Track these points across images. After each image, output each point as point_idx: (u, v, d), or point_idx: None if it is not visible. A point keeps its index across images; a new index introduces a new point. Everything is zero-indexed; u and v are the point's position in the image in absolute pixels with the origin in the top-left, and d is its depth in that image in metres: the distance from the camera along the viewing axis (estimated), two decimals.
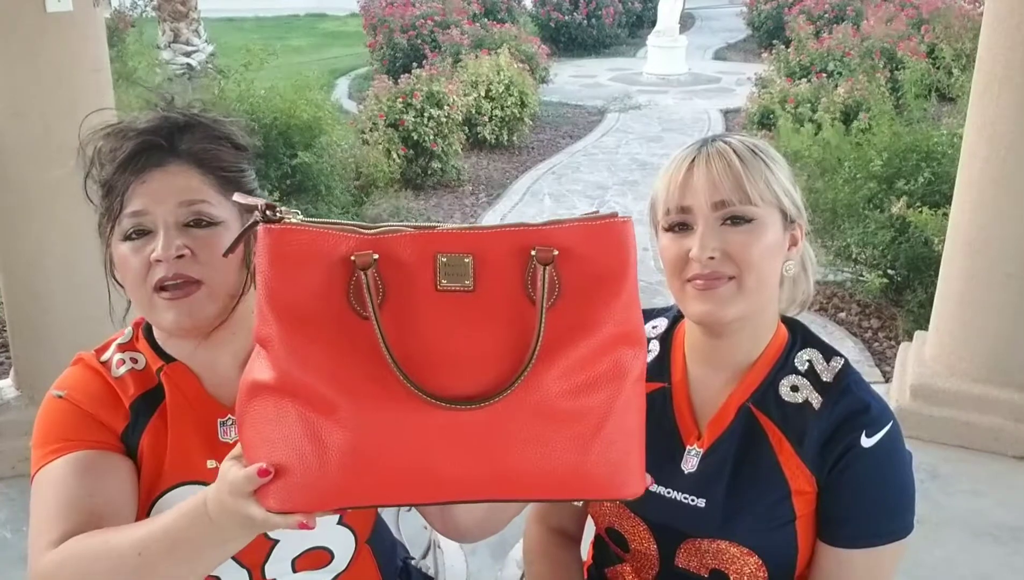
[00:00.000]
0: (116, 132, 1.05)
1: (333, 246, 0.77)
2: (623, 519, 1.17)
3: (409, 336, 0.76)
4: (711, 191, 1.07)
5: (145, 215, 1.01)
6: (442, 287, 0.77)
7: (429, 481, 0.76)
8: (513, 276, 0.77)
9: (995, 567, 2.39)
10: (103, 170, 1.05)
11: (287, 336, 0.76)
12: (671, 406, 1.17)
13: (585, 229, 0.78)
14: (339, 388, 0.75)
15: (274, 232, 0.77)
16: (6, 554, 2.37)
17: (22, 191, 2.56)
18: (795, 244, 1.13)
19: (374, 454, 0.74)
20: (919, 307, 3.68)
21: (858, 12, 10.67)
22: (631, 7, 13.48)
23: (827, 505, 1.09)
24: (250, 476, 0.77)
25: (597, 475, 0.78)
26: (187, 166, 1.03)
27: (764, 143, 1.13)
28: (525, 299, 0.77)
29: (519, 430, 0.76)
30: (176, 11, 8.42)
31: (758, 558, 1.09)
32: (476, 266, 0.77)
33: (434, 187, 6.35)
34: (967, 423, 2.83)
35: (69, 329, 2.64)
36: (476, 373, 0.76)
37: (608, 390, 0.78)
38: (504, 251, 0.77)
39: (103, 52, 2.65)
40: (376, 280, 0.76)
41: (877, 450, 1.07)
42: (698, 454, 1.13)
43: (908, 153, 3.94)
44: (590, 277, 0.78)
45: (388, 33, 9.86)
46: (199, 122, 1.06)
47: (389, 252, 0.77)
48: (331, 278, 0.77)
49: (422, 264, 0.77)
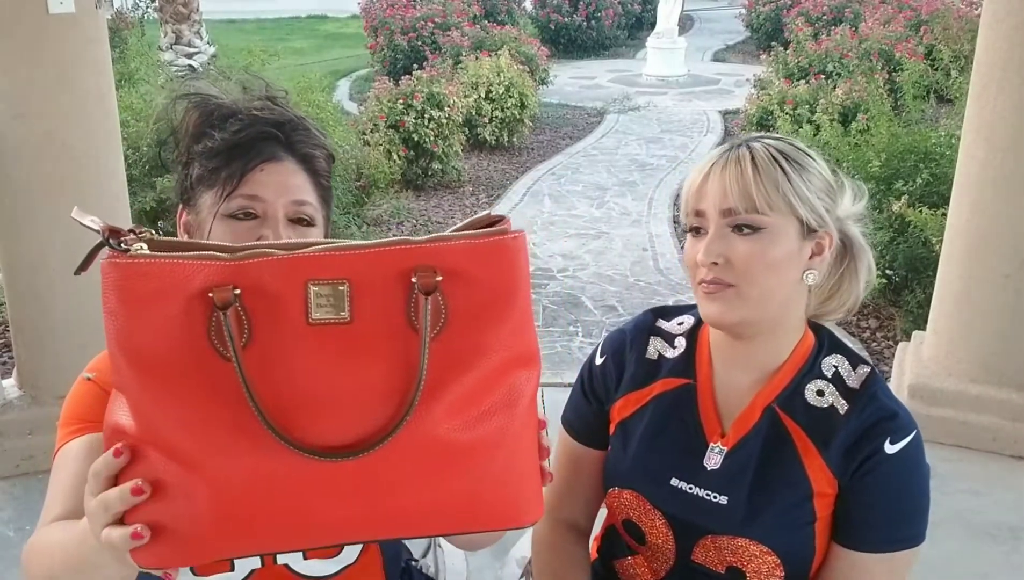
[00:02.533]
0: (223, 109, 1.07)
1: (188, 278, 0.68)
2: (642, 512, 1.18)
3: (279, 378, 0.68)
4: (721, 198, 1.08)
5: (259, 201, 1.05)
6: (314, 320, 0.68)
7: (310, 530, 0.69)
8: (395, 304, 0.69)
9: (993, 566, 2.39)
10: (205, 141, 1.06)
11: (142, 383, 0.69)
12: (696, 403, 1.18)
13: (472, 248, 0.70)
14: (202, 441, 0.68)
15: (119, 267, 0.69)
16: (10, 553, 2.38)
17: (24, 192, 2.57)
18: (819, 253, 1.11)
19: (241, 510, 0.68)
20: (917, 307, 3.70)
21: (856, 14, 10.68)
22: (630, 9, 13.50)
23: (846, 508, 1.10)
24: (124, 537, 0.70)
25: (492, 506, 0.72)
26: (299, 166, 1.08)
27: (798, 148, 1.12)
28: (409, 329, 0.69)
29: (406, 473, 0.69)
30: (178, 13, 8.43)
31: (776, 557, 1.10)
32: (353, 294, 0.68)
33: (434, 188, 6.36)
34: (965, 423, 2.84)
35: (71, 329, 2.65)
36: (357, 415, 0.68)
37: (502, 418, 0.71)
38: (384, 275, 0.69)
39: (105, 53, 2.66)
40: (240, 316, 0.68)
41: (900, 457, 1.08)
42: (722, 452, 1.14)
43: (906, 154, 3.95)
44: (480, 301, 0.71)
45: (389, 35, 9.87)
46: (305, 125, 1.11)
47: (253, 282, 0.68)
48: (188, 316, 0.68)
49: (291, 294, 0.68)
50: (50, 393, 2.69)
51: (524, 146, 7.62)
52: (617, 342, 1.26)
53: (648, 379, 1.22)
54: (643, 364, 1.23)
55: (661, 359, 1.22)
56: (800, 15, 10.91)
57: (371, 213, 5.51)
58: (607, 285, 4.68)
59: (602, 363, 1.25)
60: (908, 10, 9.95)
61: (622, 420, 1.22)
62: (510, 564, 2.30)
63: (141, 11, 9.43)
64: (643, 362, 1.23)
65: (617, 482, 1.20)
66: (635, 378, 1.22)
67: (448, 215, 5.94)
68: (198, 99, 1.09)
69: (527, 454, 0.75)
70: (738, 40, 13.57)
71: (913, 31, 8.85)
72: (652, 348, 1.23)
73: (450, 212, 6.00)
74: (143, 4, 9.44)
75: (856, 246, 1.16)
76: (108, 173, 2.68)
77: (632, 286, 4.66)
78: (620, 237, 5.41)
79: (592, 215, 5.90)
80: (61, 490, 0.99)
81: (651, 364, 1.22)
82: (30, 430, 2.67)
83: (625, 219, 5.79)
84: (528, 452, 0.75)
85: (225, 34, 11.73)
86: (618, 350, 1.25)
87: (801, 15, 10.90)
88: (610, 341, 1.27)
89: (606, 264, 4.99)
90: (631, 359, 1.23)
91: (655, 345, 1.23)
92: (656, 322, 1.25)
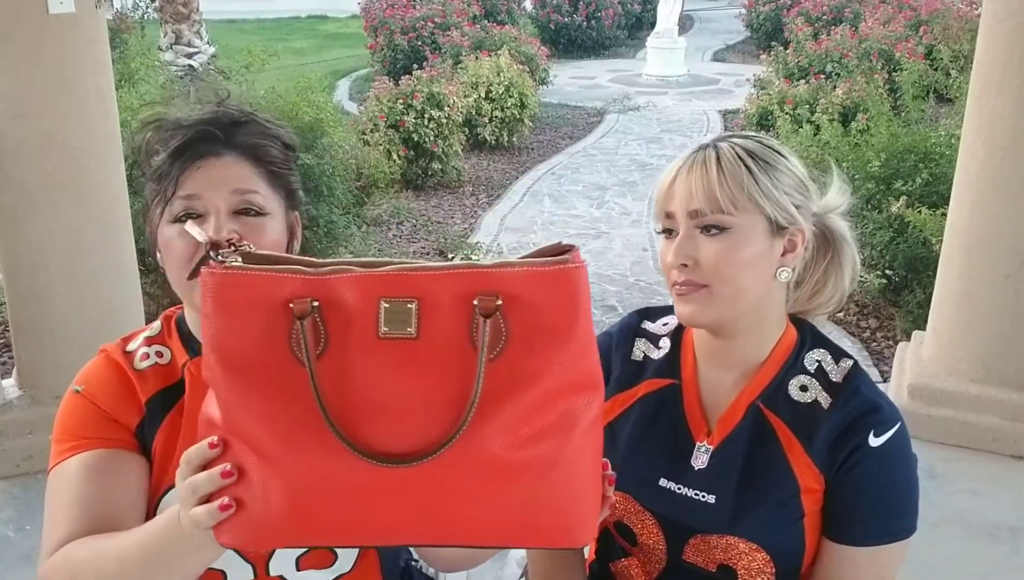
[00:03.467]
0: (170, 124, 1.07)
1: (275, 290, 0.74)
2: (632, 514, 1.18)
3: (349, 386, 0.74)
4: (687, 199, 1.09)
5: (198, 199, 1.03)
6: (384, 334, 0.73)
7: (368, 529, 0.75)
8: (458, 323, 0.74)
9: (993, 566, 2.39)
10: (155, 157, 1.06)
11: (229, 382, 0.76)
12: (681, 403, 1.18)
13: (535, 275, 0.73)
14: (278, 437, 0.74)
15: (216, 276, 0.76)
16: (10, 552, 2.38)
17: (24, 192, 2.57)
18: (792, 250, 1.11)
19: (310, 503, 0.74)
20: (917, 307, 3.69)
21: (856, 14, 10.68)
22: (630, 9, 13.50)
23: (834, 503, 1.11)
24: (211, 511, 0.77)
25: (544, 523, 0.75)
26: (241, 158, 1.06)
27: (767, 145, 1.12)
28: (470, 347, 0.74)
29: (459, 485, 0.73)
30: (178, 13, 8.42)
31: (766, 554, 1.10)
32: (421, 312, 0.73)
33: (434, 188, 6.36)
34: (965, 423, 2.84)
35: (71, 329, 2.65)
36: (417, 425, 0.73)
37: (555, 440, 0.74)
38: (450, 296, 0.74)
39: (105, 54, 2.66)
40: (317, 327, 0.74)
41: (885, 450, 1.09)
42: (708, 451, 1.15)
43: (906, 154, 3.95)
44: (538, 326, 0.74)
45: (389, 35, 9.87)
46: (253, 119, 1.10)
47: (331, 296, 0.74)
48: (273, 324, 0.75)
49: (366, 309, 0.74)
50: (50, 393, 2.69)
51: (524, 146, 7.62)
52: (603, 344, 1.26)
53: (634, 380, 1.22)
54: (628, 365, 1.23)
55: (646, 360, 1.23)
56: (800, 15, 10.91)
57: (371, 213, 5.51)
58: (607, 285, 4.68)
59: None
60: (908, 10, 9.95)
61: (609, 422, 1.22)
62: (510, 564, 2.30)
63: (141, 11, 9.43)
64: (628, 363, 1.23)
65: None
66: (621, 380, 1.23)
67: (448, 215, 5.94)
68: (156, 122, 1.09)
69: (583, 477, 0.77)
70: (738, 40, 13.57)
71: (913, 31, 8.85)
72: (637, 349, 1.24)
73: (450, 212, 6.00)
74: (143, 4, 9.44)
75: (839, 240, 1.16)
76: (108, 173, 2.68)
77: (632, 286, 4.67)
78: (620, 237, 5.41)
79: (592, 215, 5.90)
80: (66, 509, 1.00)
81: (636, 365, 1.23)
82: (30, 430, 2.67)
83: (625, 219, 5.79)
84: (585, 476, 0.77)
85: (225, 34, 11.72)
86: (604, 352, 1.25)
87: (801, 15, 10.90)
88: (596, 344, 1.27)
89: (606, 264, 4.99)
90: (617, 361, 1.24)
91: (640, 346, 1.24)
92: (641, 323, 1.26)
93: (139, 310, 2.85)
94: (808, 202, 1.12)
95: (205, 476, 0.77)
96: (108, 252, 2.71)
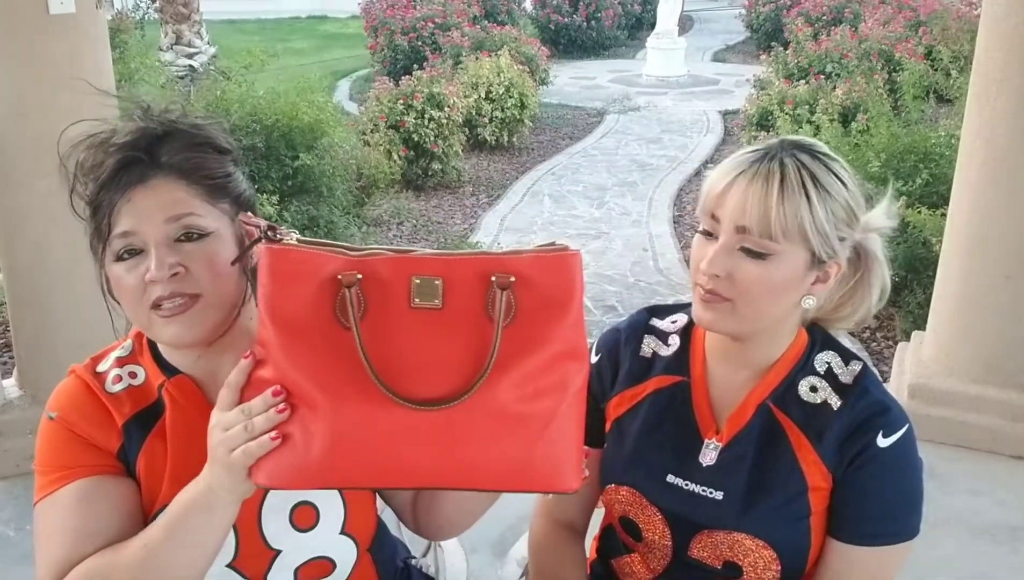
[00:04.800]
0: (96, 145, 1.02)
1: (323, 265, 0.87)
2: (639, 509, 1.18)
3: (385, 346, 0.87)
4: (739, 213, 1.05)
5: (134, 235, 0.99)
6: (415, 305, 0.87)
7: (398, 469, 0.86)
8: (476, 297, 0.88)
9: (993, 566, 2.40)
10: (87, 188, 1.02)
11: (282, 340, 0.87)
12: (690, 400, 1.19)
13: (540, 260, 0.88)
14: (323, 388, 0.85)
15: (274, 251, 0.88)
16: (10, 552, 2.38)
17: (25, 192, 2.57)
18: (824, 281, 1.10)
19: (350, 444, 0.85)
20: (917, 307, 3.70)
21: (856, 14, 10.68)
22: (630, 9, 13.50)
23: (840, 502, 1.11)
24: (263, 443, 0.85)
25: (540, 470, 0.88)
26: (171, 179, 1.01)
27: (830, 168, 1.08)
28: (485, 318, 0.88)
29: (475, 429, 0.86)
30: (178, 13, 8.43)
31: (772, 551, 1.11)
32: (445, 288, 0.87)
33: (435, 188, 6.37)
34: (965, 423, 2.84)
35: (71, 329, 2.65)
36: (442, 379, 0.86)
37: (553, 398, 0.88)
38: (470, 275, 0.88)
39: (105, 54, 2.66)
40: (359, 296, 0.87)
41: (892, 451, 1.09)
42: (717, 448, 1.15)
43: (906, 154, 3.96)
44: (542, 301, 0.88)
45: (389, 35, 9.87)
46: (177, 129, 1.03)
47: (371, 272, 0.87)
48: (320, 293, 0.87)
49: (399, 284, 0.87)
50: (50, 393, 2.69)
51: (524, 146, 7.62)
52: (612, 340, 1.27)
53: (642, 376, 1.22)
54: (637, 362, 1.23)
55: (655, 357, 1.23)
56: (800, 15, 10.92)
57: (371, 213, 5.52)
58: (607, 285, 4.68)
59: (597, 361, 1.26)
60: (908, 10, 9.95)
61: (617, 417, 1.22)
62: (510, 564, 2.29)
63: (141, 11, 9.43)
64: (637, 360, 1.23)
65: (614, 479, 1.21)
66: (630, 375, 1.23)
67: (448, 215, 5.95)
68: (81, 145, 1.03)
69: (572, 433, 0.90)
70: (738, 40, 13.58)
71: (913, 31, 8.85)
72: (646, 346, 1.24)
73: (450, 212, 6.00)
74: (143, 4, 9.45)
75: (871, 259, 1.16)
76: None
77: (632, 286, 4.67)
78: (620, 237, 5.41)
79: (592, 215, 5.91)
80: (60, 536, 0.99)
81: (645, 362, 1.23)
82: (30, 430, 2.65)
83: (625, 219, 5.79)
84: (573, 431, 0.90)
85: (225, 34, 11.73)
86: (613, 348, 1.26)
87: (801, 15, 10.90)
88: (605, 339, 1.28)
89: (606, 264, 4.99)
90: (625, 357, 1.24)
91: (649, 343, 1.24)
92: (650, 320, 1.26)
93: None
94: (853, 231, 1.11)
95: (263, 417, 0.85)
96: None
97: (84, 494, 1.01)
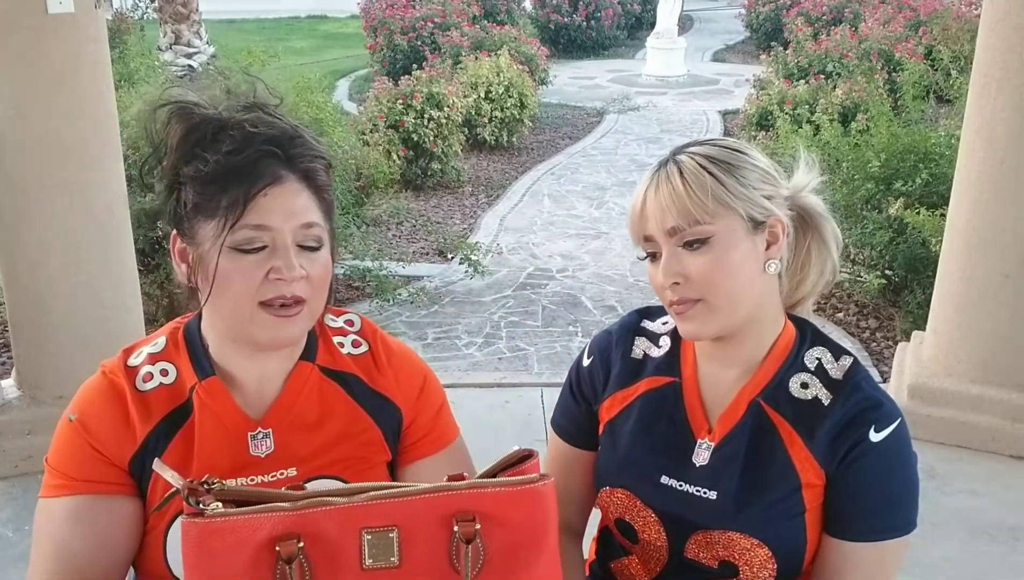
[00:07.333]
0: (210, 122, 0.99)
1: (255, 530, 0.77)
2: (634, 511, 1.18)
3: None
4: (662, 218, 1.09)
5: (267, 231, 0.98)
6: (367, 566, 0.77)
7: None
8: (438, 548, 0.78)
9: (993, 566, 2.39)
10: (197, 162, 0.99)
11: None
12: (682, 401, 1.19)
13: (508, 496, 0.79)
14: None
15: (197, 526, 0.77)
16: (9, 552, 2.38)
17: (24, 192, 2.57)
18: (775, 241, 1.12)
19: None
20: (917, 307, 3.70)
21: (856, 14, 10.69)
22: (630, 9, 13.50)
23: (834, 498, 1.11)
24: None
25: None
26: (301, 184, 1.00)
27: (724, 147, 1.12)
28: (450, 570, 0.78)
29: None
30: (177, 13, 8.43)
31: (768, 550, 1.11)
32: (402, 540, 0.77)
33: (434, 188, 6.37)
34: (964, 423, 2.84)
35: (70, 329, 2.65)
36: None
37: None
38: (429, 521, 0.78)
39: (104, 54, 2.66)
40: (303, 567, 0.77)
41: (885, 445, 1.09)
42: (709, 447, 1.15)
43: (906, 154, 3.95)
44: (513, 543, 0.79)
45: (388, 35, 9.87)
46: (303, 136, 1.03)
47: (314, 530, 0.77)
48: (256, 564, 0.76)
49: (348, 542, 0.77)
50: (49, 393, 2.68)
51: (524, 146, 7.62)
52: (603, 342, 1.27)
53: (633, 378, 1.22)
54: (628, 363, 1.23)
55: (646, 358, 1.23)
56: (800, 15, 10.92)
57: (371, 213, 5.51)
58: (606, 285, 4.68)
59: (589, 364, 1.26)
60: (908, 10, 9.96)
61: (610, 419, 1.22)
62: None
63: (141, 11, 9.43)
64: (628, 361, 1.24)
65: (608, 482, 1.21)
66: (621, 377, 1.23)
67: (447, 215, 5.94)
68: (180, 110, 1.00)
69: None
70: (738, 40, 13.58)
71: (913, 31, 8.86)
72: (637, 348, 1.24)
73: (449, 212, 6.00)
74: (143, 4, 9.44)
75: (816, 216, 1.16)
76: (107, 173, 2.68)
77: (631, 286, 4.67)
78: (620, 237, 5.41)
79: (591, 215, 5.91)
80: (47, 544, 1.00)
81: (636, 363, 1.23)
82: (29, 430, 2.67)
83: (625, 219, 5.78)
84: None
85: (225, 34, 11.72)
86: (604, 350, 1.26)
87: (801, 15, 10.90)
88: (596, 342, 1.28)
89: (605, 264, 4.99)
90: (617, 358, 1.24)
91: (640, 345, 1.24)
92: (641, 322, 1.27)
93: (138, 310, 2.85)
94: (778, 189, 1.13)
95: None
96: (107, 252, 2.71)
97: (76, 512, 1.01)
